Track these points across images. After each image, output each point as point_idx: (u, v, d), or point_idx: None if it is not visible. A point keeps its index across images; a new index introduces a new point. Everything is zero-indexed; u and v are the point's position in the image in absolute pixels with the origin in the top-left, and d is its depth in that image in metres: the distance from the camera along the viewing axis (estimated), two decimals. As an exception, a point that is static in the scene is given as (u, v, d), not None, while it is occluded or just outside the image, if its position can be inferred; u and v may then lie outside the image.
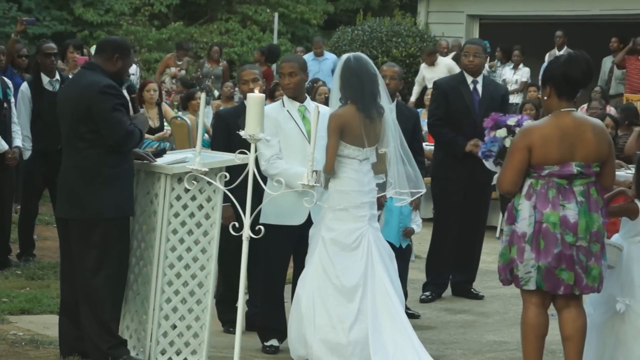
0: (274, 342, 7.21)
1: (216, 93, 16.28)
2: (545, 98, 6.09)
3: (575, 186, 5.97)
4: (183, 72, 17.44)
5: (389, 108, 6.93)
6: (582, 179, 5.98)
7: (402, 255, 7.81)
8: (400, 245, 7.96)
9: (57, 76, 9.70)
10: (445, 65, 16.64)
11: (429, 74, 16.69)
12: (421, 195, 7.28)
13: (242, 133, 5.76)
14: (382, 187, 6.99)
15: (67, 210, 6.42)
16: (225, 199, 6.32)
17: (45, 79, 9.62)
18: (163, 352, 6.51)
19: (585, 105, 13.43)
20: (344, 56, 6.92)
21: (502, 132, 6.28)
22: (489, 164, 6.39)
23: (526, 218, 5.97)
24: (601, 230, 6.01)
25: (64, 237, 6.54)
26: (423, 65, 17.31)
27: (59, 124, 9.50)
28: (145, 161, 6.52)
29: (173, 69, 17.32)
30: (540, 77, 6.17)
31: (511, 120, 6.30)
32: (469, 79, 8.99)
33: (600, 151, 6.02)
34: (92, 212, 6.30)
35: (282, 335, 7.12)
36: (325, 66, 17.43)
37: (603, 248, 6.05)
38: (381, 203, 7.36)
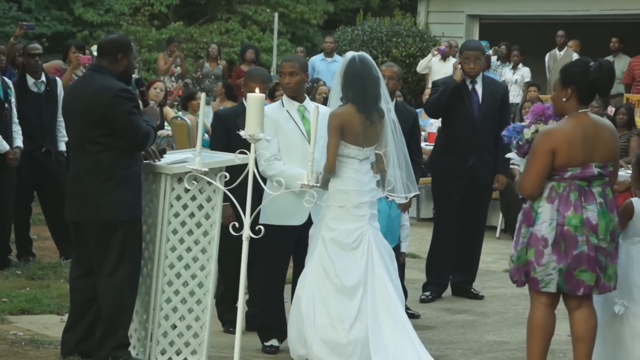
0: (274, 342, 7.21)
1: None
2: (564, 100, 6.06)
3: (594, 187, 5.99)
4: (178, 68, 17.44)
5: (388, 109, 6.93)
6: (599, 179, 6.00)
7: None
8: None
9: (43, 77, 9.65)
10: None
11: (439, 68, 16.71)
12: (412, 198, 7.29)
13: (242, 133, 5.76)
14: (378, 185, 6.99)
15: (82, 214, 6.41)
16: (225, 198, 6.33)
17: (30, 80, 9.59)
18: (163, 352, 6.51)
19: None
20: (349, 55, 6.89)
21: (528, 132, 6.24)
22: (512, 155, 6.37)
23: (547, 221, 5.95)
24: (616, 229, 6.06)
25: (77, 240, 6.55)
26: (434, 60, 17.26)
27: (43, 126, 9.57)
28: (149, 161, 6.52)
29: (166, 66, 17.37)
30: (559, 79, 6.11)
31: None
32: (468, 79, 8.96)
33: (615, 151, 6.09)
34: (109, 214, 6.31)
35: (282, 335, 7.12)
36: (333, 68, 17.40)
37: (617, 247, 6.09)
38: None
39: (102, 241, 6.34)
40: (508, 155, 6.47)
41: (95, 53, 8.40)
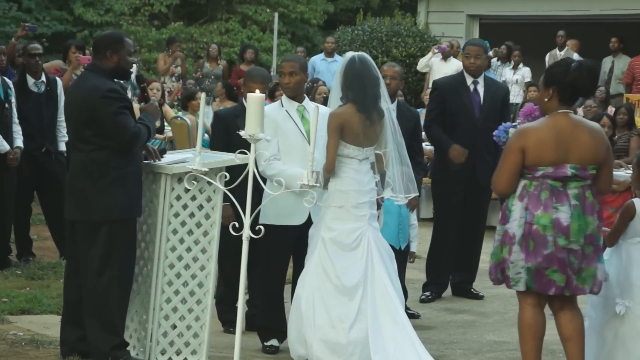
0: (274, 342, 7.22)
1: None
2: (546, 100, 6.05)
3: (570, 189, 5.94)
4: (179, 68, 17.46)
5: (387, 109, 6.93)
6: (577, 181, 5.94)
7: (401, 256, 7.80)
8: (400, 247, 7.94)
9: (43, 78, 9.66)
10: (456, 65, 16.64)
11: (439, 67, 16.71)
12: (418, 196, 7.29)
13: (242, 133, 5.77)
14: (377, 186, 6.99)
15: (75, 213, 6.42)
16: (225, 198, 6.33)
17: (30, 80, 9.60)
18: (163, 352, 6.51)
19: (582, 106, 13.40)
20: (348, 55, 6.89)
21: (514, 131, 6.27)
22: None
23: (517, 219, 5.95)
24: (596, 233, 5.97)
25: (70, 238, 6.56)
26: (435, 59, 17.25)
27: (43, 126, 9.58)
28: (149, 161, 6.52)
29: (165, 66, 17.39)
30: (543, 78, 6.11)
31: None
32: (469, 79, 8.95)
33: (597, 154, 5.97)
34: (98, 214, 6.31)
35: (282, 335, 7.12)
36: (334, 68, 17.38)
37: (597, 250, 6.02)
38: (379, 204, 7.36)
39: (91, 240, 6.33)
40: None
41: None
